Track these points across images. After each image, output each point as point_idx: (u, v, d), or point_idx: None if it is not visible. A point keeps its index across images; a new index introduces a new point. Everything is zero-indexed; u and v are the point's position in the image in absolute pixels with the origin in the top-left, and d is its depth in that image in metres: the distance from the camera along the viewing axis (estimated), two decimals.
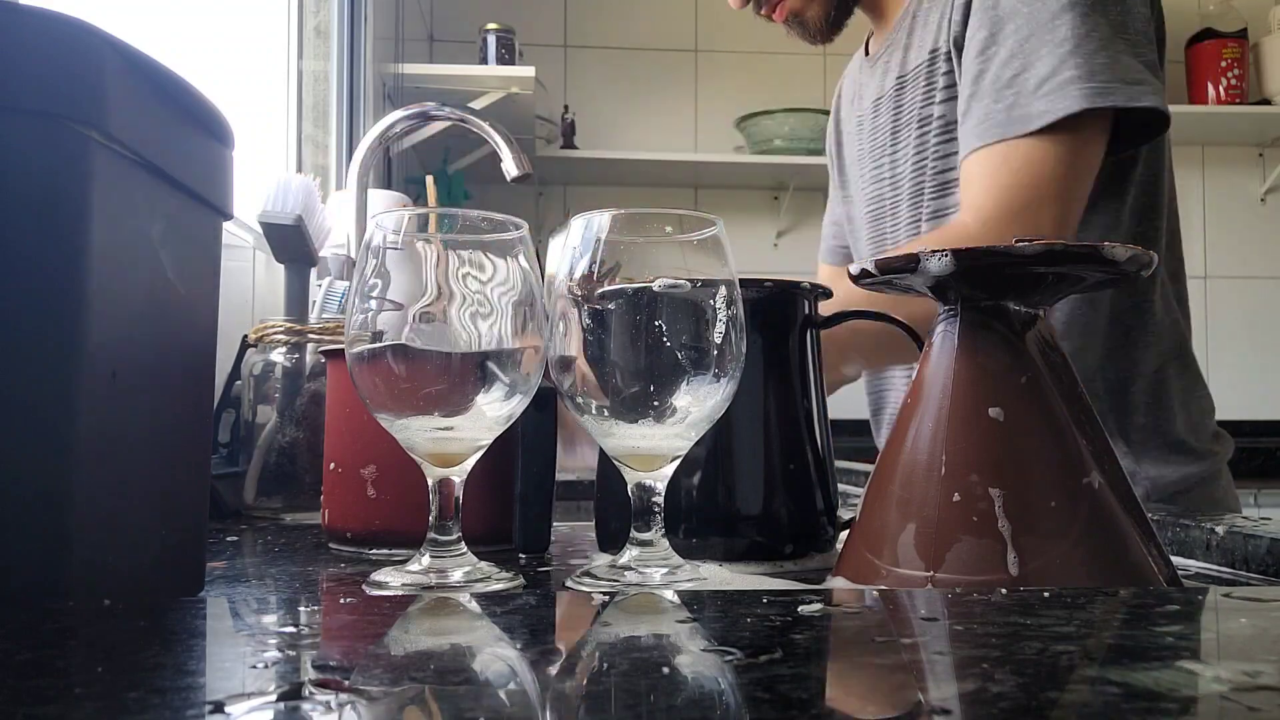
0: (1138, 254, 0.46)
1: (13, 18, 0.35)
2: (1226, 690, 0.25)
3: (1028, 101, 0.90)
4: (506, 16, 2.48)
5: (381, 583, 0.49)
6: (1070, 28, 0.89)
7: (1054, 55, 0.89)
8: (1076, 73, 0.88)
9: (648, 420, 0.49)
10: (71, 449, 0.35)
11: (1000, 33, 0.93)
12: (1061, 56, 0.89)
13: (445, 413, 0.49)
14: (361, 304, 0.49)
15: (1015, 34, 0.92)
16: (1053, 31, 0.90)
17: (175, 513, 0.44)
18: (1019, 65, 0.91)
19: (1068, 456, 0.47)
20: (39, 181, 0.35)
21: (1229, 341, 2.92)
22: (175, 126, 0.43)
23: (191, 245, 0.45)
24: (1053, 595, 0.37)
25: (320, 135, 1.77)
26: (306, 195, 0.93)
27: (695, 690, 0.26)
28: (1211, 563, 0.61)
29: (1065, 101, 0.88)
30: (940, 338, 0.50)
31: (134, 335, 0.40)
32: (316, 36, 1.78)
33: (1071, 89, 0.88)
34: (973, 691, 0.25)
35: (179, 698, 0.24)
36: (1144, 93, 0.89)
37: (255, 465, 0.86)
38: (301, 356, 0.88)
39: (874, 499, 0.50)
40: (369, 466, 0.64)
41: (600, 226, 0.51)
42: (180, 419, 0.45)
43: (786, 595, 0.37)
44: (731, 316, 0.50)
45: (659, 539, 0.51)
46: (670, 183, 2.92)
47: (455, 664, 0.29)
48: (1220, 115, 2.78)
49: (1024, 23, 0.91)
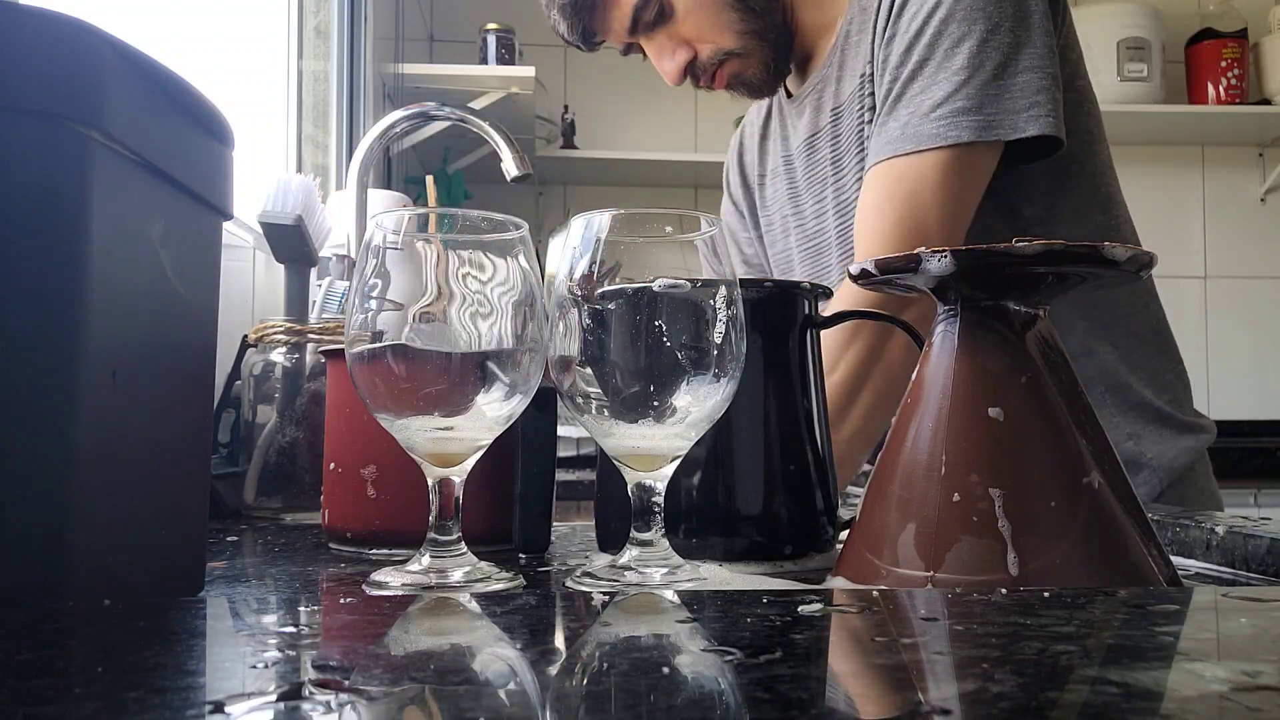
0: (1138, 254, 0.46)
1: (13, 18, 0.35)
2: (1226, 690, 0.25)
3: (920, 123, 0.93)
4: (506, 16, 2.48)
5: (381, 583, 0.49)
6: (967, 56, 0.92)
7: (949, 83, 0.92)
8: (967, 104, 0.92)
9: (648, 420, 0.49)
10: (71, 449, 0.35)
11: (909, 55, 0.96)
12: (956, 85, 0.92)
13: (445, 413, 0.49)
14: (361, 304, 0.49)
15: (919, 57, 0.95)
16: (951, 58, 0.93)
17: (175, 513, 0.44)
18: (919, 88, 0.95)
19: (1068, 456, 0.47)
20: (39, 181, 0.35)
21: (1229, 341, 2.92)
22: (175, 126, 0.43)
23: (191, 245, 0.45)
24: (1053, 595, 0.37)
25: (320, 135, 1.77)
26: (306, 195, 0.93)
27: (695, 690, 0.26)
28: (1211, 563, 0.61)
29: (955, 131, 0.92)
30: (940, 338, 0.50)
31: (134, 335, 0.40)
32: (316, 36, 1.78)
33: (962, 120, 0.92)
34: (973, 691, 0.25)
35: (179, 698, 0.24)
36: (1032, 119, 0.92)
37: (255, 465, 0.86)
38: (301, 356, 0.88)
39: (874, 499, 0.50)
40: (369, 466, 0.64)
41: (600, 226, 0.51)
42: (180, 419, 0.45)
43: (786, 595, 0.37)
44: (731, 316, 0.50)
45: (659, 539, 0.51)
46: (670, 183, 2.92)
47: (455, 664, 0.29)
48: (1220, 115, 2.78)
49: (927, 47, 0.94)
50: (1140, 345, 1.07)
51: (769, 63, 1.10)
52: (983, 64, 0.92)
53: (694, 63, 1.09)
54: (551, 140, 2.72)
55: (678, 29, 1.08)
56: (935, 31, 0.94)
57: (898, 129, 0.95)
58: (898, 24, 0.97)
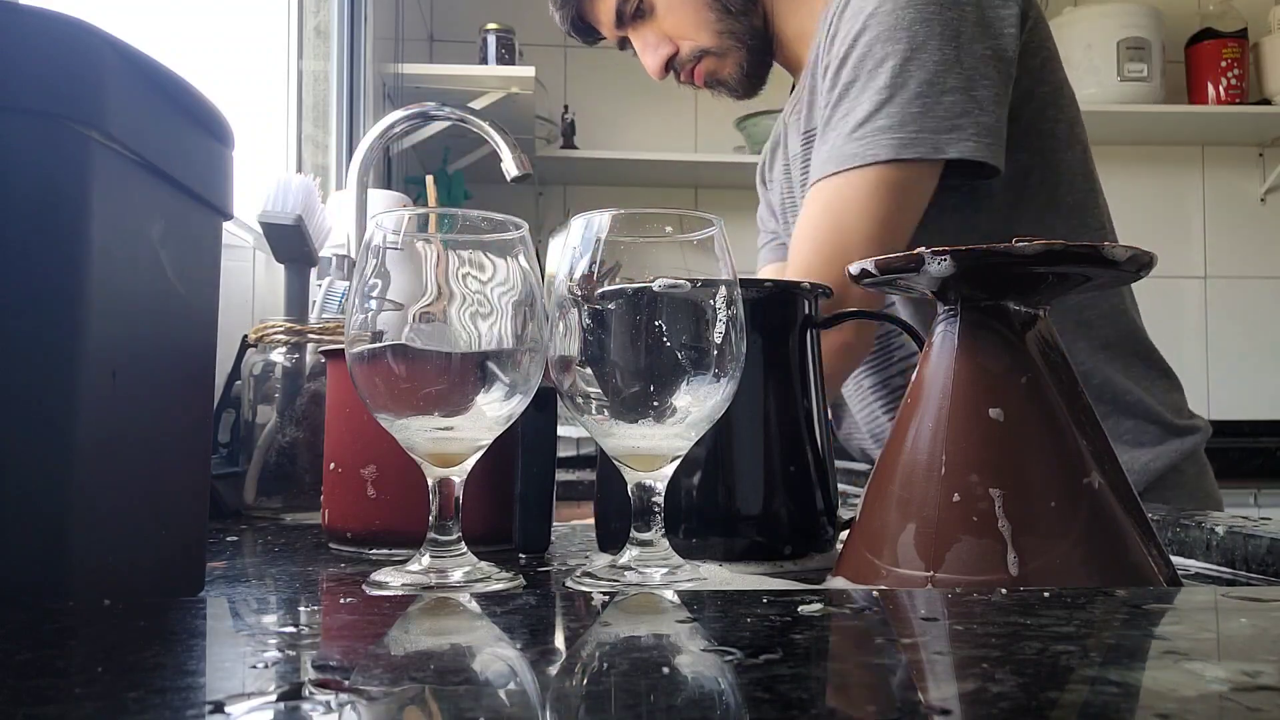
0: (1137, 254, 0.46)
1: (13, 18, 0.35)
2: (1226, 690, 0.25)
3: (843, 143, 0.93)
4: (506, 16, 2.48)
5: (381, 583, 0.49)
6: (890, 74, 0.91)
7: (871, 101, 0.92)
8: (888, 121, 0.91)
9: (648, 420, 0.49)
10: (71, 449, 0.35)
11: (838, 75, 0.96)
12: (878, 103, 0.91)
13: (445, 413, 0.49)
14: (361, 304, 0.49)
15: (846, 77, 0.95)
16: (875, 77, 0.92)
17: (175, 513, 0.44)
18: (845, 108, 0.94)
19: (1068, 456, 0.47)
20: (39, 181, 0.35)
21: (1229, 341, 2.92)
22: (175, 126, 0.43)
23: (191, 245, 0.45)
24: (1053, 595, 0.37)
25: (320, 135, 1.77)
26: (306, 195, 0.93)
27: (695, 690, 0.26)
28: (1211, 563, 0.61)
29: (874, 149, 0.91)
30: (940, 338, 0.50)
31: (134, 335, 0.40)
32: (316, 36, 1.78)
33: (881, 138, 0.91)
34: (973, 691, 0.25)
35: (179, 698, 0.24)
36: (954, 140, 0.90)
37: (255, 465, 0.86)
38: (301, 356, 0.88)
39: (874, 499, 0.50)
40: (369, 466, 0.64)
41: (600, 226, 0.51)
42: (180, 419, 0.45)
43: (786, 595, 0.37)
44: (731, 316, 0.50)
45: (659, 539, 0.51)
46: (670, 183, 2.91)
47: (455, 664, 0.29)
48: (1220, 115, 2.78)
49: (853, 67, 0.94)
50: (1115, 350, 1.06)
51: (743, 64, 1.13)
52: (905, 83, 0.90)
53: (675, 58, 1.13)
54: (551, 140, 2.72)
55: (659, 24, 1.12)
56: (861, 54, 0.93)
57: (825, 151, 0.95)
58: (831, 50, 0.97)
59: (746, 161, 2.78)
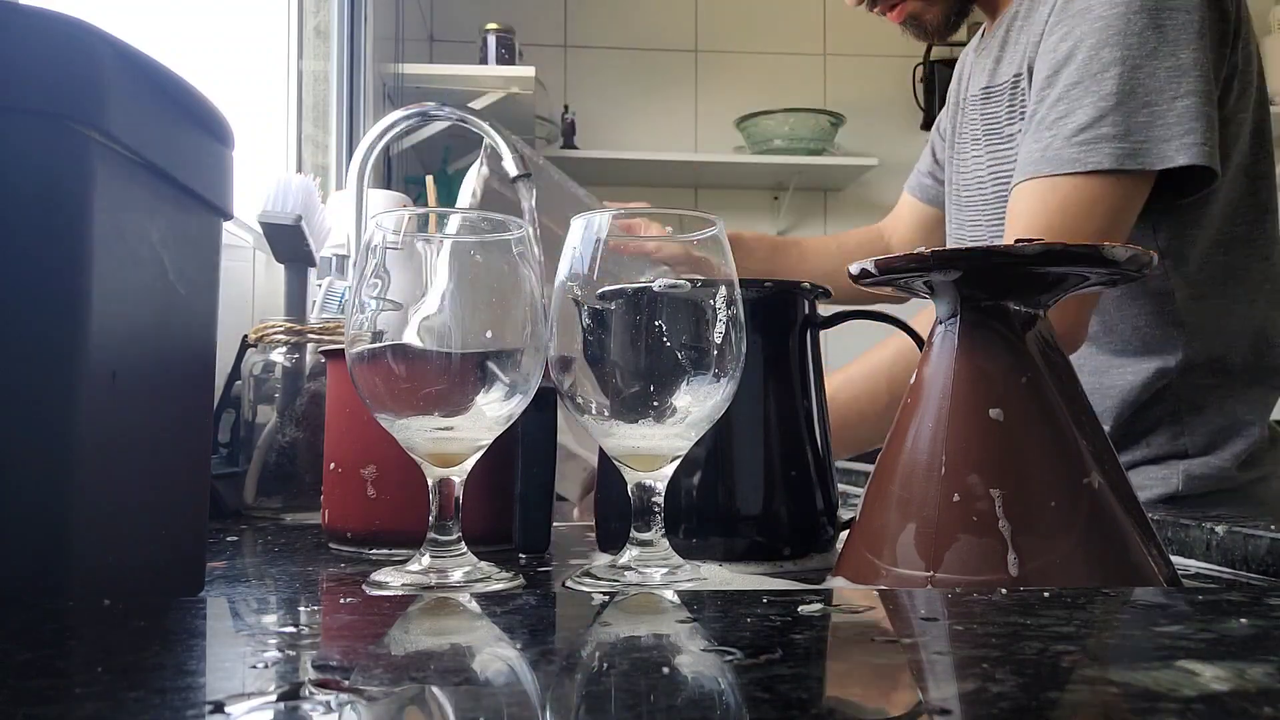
0: (1137, 254, 0.46)
1: (13, 18, 0.35)
2: (1226, 690, 0.25)
3: (1061, 145, 0.92)
4: (506, 16, 2.48)
5: (381, 583, 0.49)
6: (1116, 82, 0.91)
7: (1095, 108, 0.91)
8: (1112, 130, 0.90)
9: (648, 420, 0.49)
10: (71, 449, 0.35)
11: (1058, 74, 0.95)
12: (1103, 110, 0.91)
13: (445, 413, 0.49)
14: (361, 304, 0.49)
15: (1068, 78, 0.94)
16: (1100, 83, 0.91)
17: (175, 513, 0.44)
18: (1064, 109, 0.93)
19: (1068, 456, 0.47)
20: (39, 181, 0.35)
21: None
22: (175, 126, 0.43)
23: (191, 245, 0.45)
24: (1053, 595, 0.37)
25: (320, 135, 1.77)
26: (306, 195, 0.93)
27: (695, 690, 0.26)
28: (1211, 563, 0.61)
29: (1096, 157, 0.90)
30: (940, 338, 0.50)
31: (134, 335, 0.40)
32: (316, 36, 1.78)
33: (1104, 146, 0.90)
34: (973, 691, 0.25)
35: (179, 698, 0.24)
36: (1182, 149, 0.90)
37: (255, 465, 0.86)
38: (301, 356, 0.88)
39: (874, 499, 0.50)
40: (369, 466, 0.64)
41: (600, 226, 0.51)
42: (180, 419, 0.45)
43: (786, 595, 0.37)
44: (731, 316, 0.50)
45: (659, 539, 0.51)
46: (670, 183, 2.92)
47: (455, 664, 0.29)
48: None
49: (1078, 68, 0.93)
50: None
51: (949, 15, 1.12)
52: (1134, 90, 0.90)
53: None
54: (551, 140, 2.72)
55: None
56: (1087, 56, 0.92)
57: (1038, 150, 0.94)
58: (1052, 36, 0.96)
59: (746, 161, 2.79)
